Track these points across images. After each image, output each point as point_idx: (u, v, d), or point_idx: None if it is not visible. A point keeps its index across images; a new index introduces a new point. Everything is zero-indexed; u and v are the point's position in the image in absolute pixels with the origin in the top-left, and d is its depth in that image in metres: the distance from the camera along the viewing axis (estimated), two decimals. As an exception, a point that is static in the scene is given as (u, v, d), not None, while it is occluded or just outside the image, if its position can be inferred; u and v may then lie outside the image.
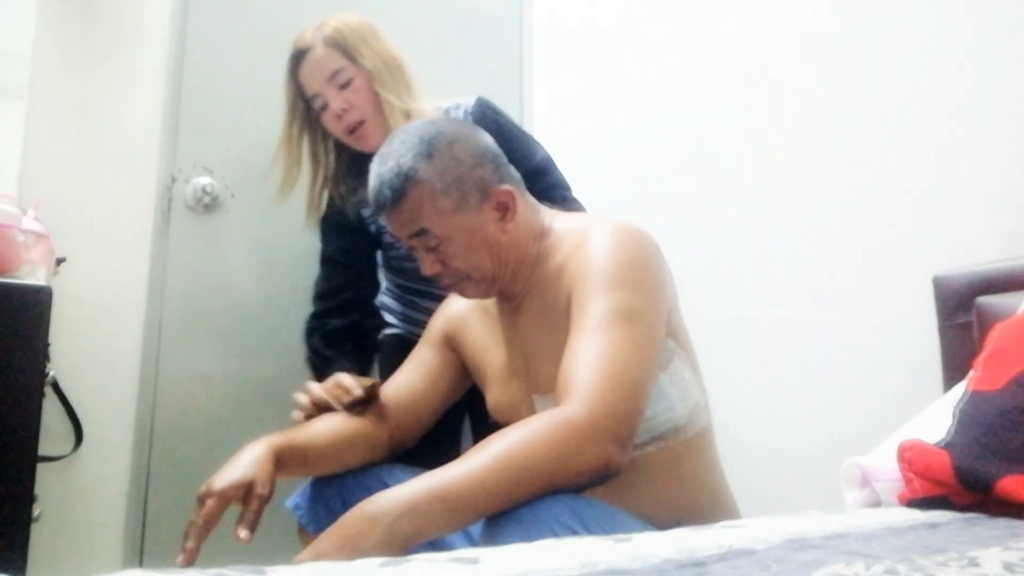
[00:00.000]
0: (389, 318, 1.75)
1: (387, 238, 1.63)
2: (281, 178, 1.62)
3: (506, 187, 1.14)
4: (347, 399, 1.23)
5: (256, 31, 2.05)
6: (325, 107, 1.53)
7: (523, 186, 1.21)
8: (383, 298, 1.76)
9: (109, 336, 1.75)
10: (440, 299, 1.62)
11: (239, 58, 2.02)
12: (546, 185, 1.58)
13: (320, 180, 1.62)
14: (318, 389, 1.26)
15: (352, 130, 1.53)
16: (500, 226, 1.14)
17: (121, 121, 1.81)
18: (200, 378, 1.89)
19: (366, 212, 1.62)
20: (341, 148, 1.61)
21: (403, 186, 1.09)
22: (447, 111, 1.59)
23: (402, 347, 1.70)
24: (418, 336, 1.65)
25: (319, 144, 1.61)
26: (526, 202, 1.19)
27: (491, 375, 1.25)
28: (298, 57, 1.54)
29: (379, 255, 1.71)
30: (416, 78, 1.60)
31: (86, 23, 1.79)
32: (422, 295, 1.65)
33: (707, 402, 1.18)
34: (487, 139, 1.19)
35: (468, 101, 1.60)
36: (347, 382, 1.26)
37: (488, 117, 1.57)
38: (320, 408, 1.24)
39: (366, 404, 1.24)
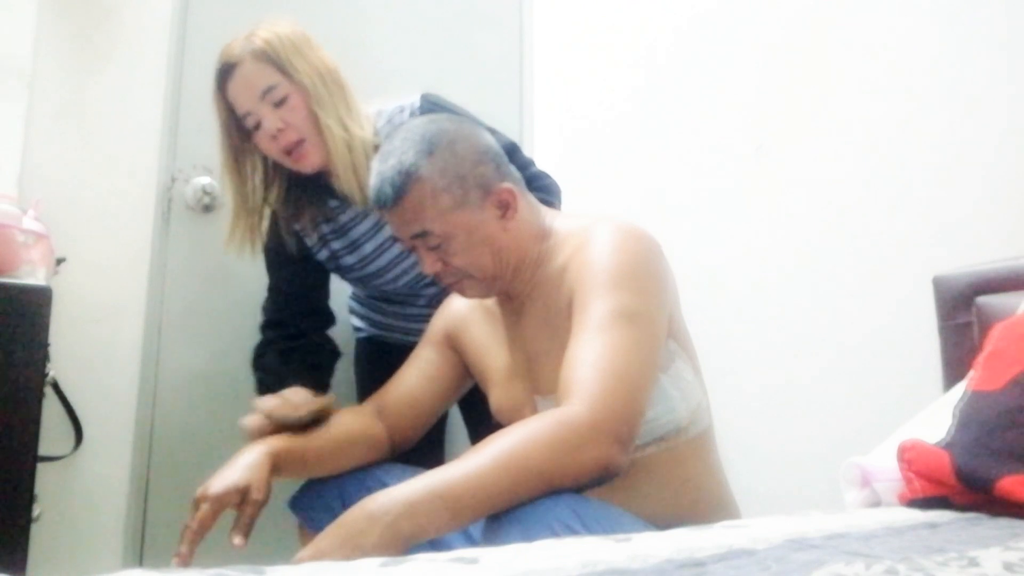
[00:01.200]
0: (358, 322, 1.74)
1: (346, 260, 1.53)
2: (233, 207, 1.49)
3: (507, 185, 1.14)
4: (295, 416, 1.16)
5: (256, 31, 2.05)
6: (258, 126, 1.40)
7: (524, 186, 1.21)
8: (351, 302, 1.76)
9: (109, 336, 1.75)
10: (405, 304, 1.62)
11: (239, 58, 2.02)
12: (515, 165, 1.48)
13: (250, 206, 1.48)
14: (270, 404, 1.18)
15: (290, 151, 1.41)
16: (501, 224, 1.14)
17: (121, 121, 1.81)
18: (200, 378, 1.89)
19: (311, 241, 1.53)
20: (274, 173, 1.49)
21: (404, 183, 1.09)
22: (390, 117, 1.49)
23: (375, 349, 1.69)
24: (388, 338, 1.65)
25: (249, 168, 1.48)
26: (527, 202, 1.19)
27: (493, 376, 1.25)
28: (225, 72, 1.40)
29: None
30: (352, 87, 1.47)
31: (86, 23, 1.80)
32: (389, 301, 1.63)
33: (708, 403, 1.18)
34: (488, 137, 1.19)
35: (413, 101, 1.49)
36: (296, 398, 1.20)
37: (431, 109, 1.47)
38: (274, 426, 1.16)
39: (317, 423, 1.19)
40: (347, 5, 2.16)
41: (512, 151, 1.45)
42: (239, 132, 1.44)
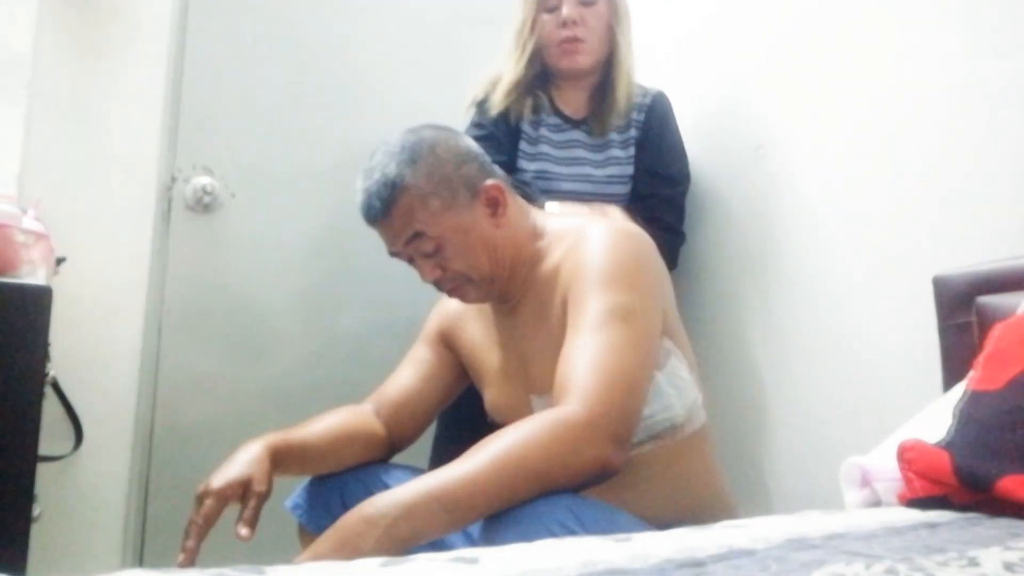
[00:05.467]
0: None
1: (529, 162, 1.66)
2: (512, 67, 1.63)
3: (494, 181, 1.15)
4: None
5: (256, 31, 2.05)
6: (555, 9, 1.55)
7: (511, 186, 1.22)
8: None
9: (109, 336, 1.75)
10: None
11: (239, 58, 2.02)
12: (664, 195, 1.66)
13: (521, 74, 1.62)
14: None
15: (565, 41, 1.56)
16: (493, 222, 1.15)
17: (121, 121, 1.81)
18: (200, 378, 1.89)
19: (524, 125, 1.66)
20: (533, 56, 1.63)
21: (391, 194, 1.10)
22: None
23: None
24: None
25: (527, 37, 1.62)
26: (516, 201, 1.20)
27: (488, 376, 1.26)
28: None
29: None
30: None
31: (86, 23, 1.80)
32: None
33: (704, 400, 1.18)
34: (469, 141, 1.21)
35: (653, 89, 1.69)
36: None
37: (664, 110, 1.67)
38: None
39: None
40: (345, 6, 2.16)
41: (679, 182, 1.70)
42: (536, 6, 1.60)
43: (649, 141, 1.66)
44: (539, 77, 1.66)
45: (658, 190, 1.64)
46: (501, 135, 1.66)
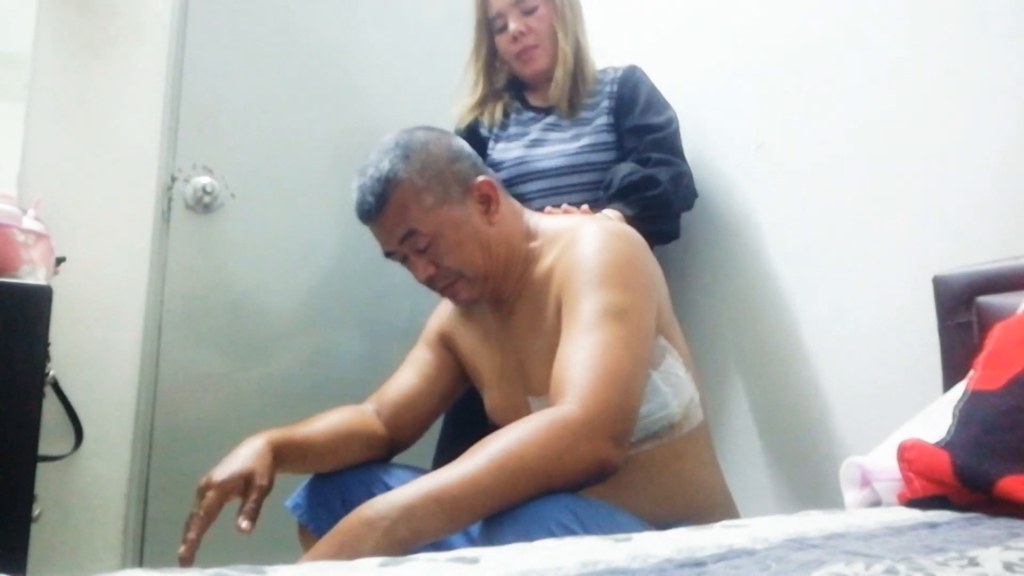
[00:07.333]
0: None
1: (500, 154, 1.73)
2: (468, 93, 1.77)
3: (486, 178, 1.16)
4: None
5: (256, 31, 2.05)
6: (504, 28, 1.67)
7: (503, 187, 1.22)
8: None
9: (109, 336, 1.76)
10: None
11: (239, 58, 2.02)
12: (652, 138, 1.68)
13: (483, 91, 1.77)
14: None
15: (522, 52, 1.67)
16: (486, 219, 1.15)
17: (121, 121, 1.81)
18: (200, 378, 1.89)
19: (486, 124, 1.77)
20: (494, 69, 1.77)
21: (384, 189, 1.11)
22: (603, 71, 1.75)
23: None
24: None
25: (493, 60, 1.76)
26: (508, 200, 1.21)
27: (487, 378, 1.26)
28: None
29: None
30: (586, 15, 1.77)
31: (86, 22, 1.80)
32: None
33: (702, 399, 1.18)
34: (461, 141, 1.22)
35: (621, 66, 1.76)
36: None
37: (636, 76, 1.73)
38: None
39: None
40: (345, 6, 2.16)
41: (666, 127, 1.71)
42: (485, 31, 1.73)
43: (624, 105, 1.71)
44: (509, 86, 1.79)
45: (645, 137, 1.69)
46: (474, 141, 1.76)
